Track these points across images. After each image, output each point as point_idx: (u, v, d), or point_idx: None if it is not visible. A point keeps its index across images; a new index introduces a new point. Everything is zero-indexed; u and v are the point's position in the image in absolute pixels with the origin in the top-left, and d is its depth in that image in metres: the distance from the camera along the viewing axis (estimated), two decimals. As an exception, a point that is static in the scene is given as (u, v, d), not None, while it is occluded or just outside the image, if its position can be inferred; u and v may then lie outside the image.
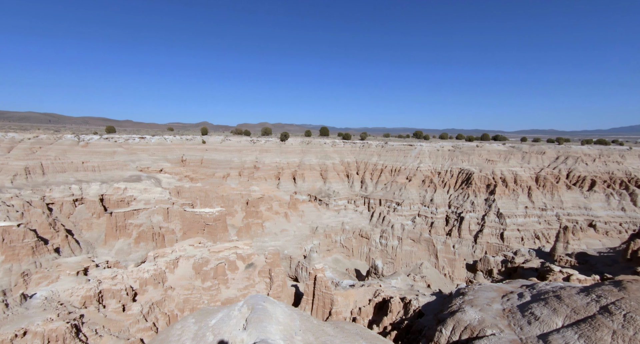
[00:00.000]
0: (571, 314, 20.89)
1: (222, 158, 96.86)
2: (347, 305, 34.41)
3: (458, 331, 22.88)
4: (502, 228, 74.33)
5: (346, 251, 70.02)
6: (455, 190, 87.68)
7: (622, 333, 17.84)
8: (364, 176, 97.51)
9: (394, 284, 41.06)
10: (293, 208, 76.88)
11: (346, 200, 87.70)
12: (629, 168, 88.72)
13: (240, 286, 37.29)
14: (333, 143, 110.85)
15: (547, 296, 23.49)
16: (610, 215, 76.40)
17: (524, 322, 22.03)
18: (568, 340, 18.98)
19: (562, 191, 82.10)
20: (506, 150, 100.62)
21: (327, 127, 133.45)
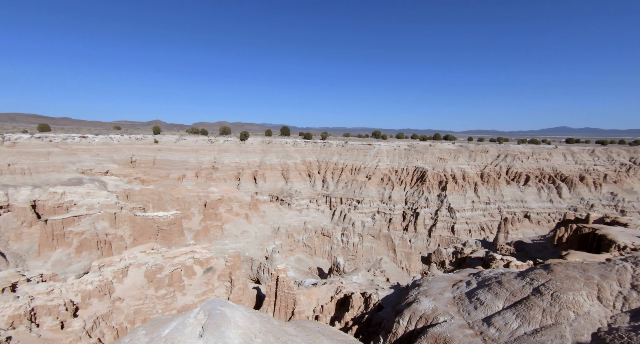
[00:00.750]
0: (510, 297, 23.15)
1: (177, 158, 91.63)
2: (309, 304, 34.61)
3: (414, 320, 24.20)
4: (452, 222, 79.99)
5: (309, 250, 70.34)
6: (411, 187, 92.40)
7: (550, 310, 20.21)
8: (326, 176, 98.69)
9: (355, 280, 42.18)
10: (254, 208, 75.29)
11: (308, 199, 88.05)
12: (555, 164, 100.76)
13: (199, 292, 35.65)
14: (294, 142, 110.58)
15: (490, 283, 25.78)
16: (541, 206, 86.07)
17: (471, 307, 23.95)
18: (507, 320, 21.03)
19: (502, 186, 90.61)
20: (455, 149, 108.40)
21: (288, 126, 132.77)
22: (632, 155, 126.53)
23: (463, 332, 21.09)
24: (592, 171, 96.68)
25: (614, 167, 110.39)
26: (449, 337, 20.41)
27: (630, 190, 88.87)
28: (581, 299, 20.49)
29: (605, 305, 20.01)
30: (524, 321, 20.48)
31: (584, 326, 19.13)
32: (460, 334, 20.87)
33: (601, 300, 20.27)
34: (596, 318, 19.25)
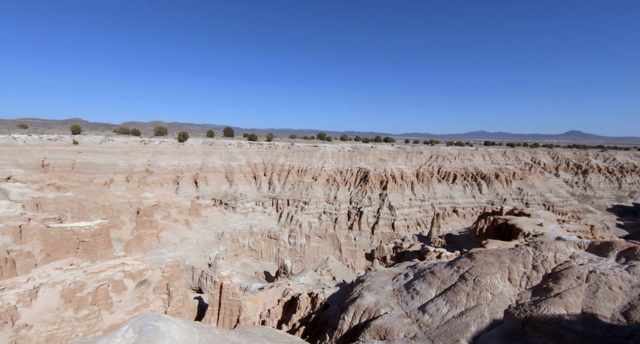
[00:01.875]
0: (441, 285, 25.54)
1: (102, 161, 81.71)
2: (256, 309, 33.75)
3: (358, 315, 25.22)
4: (393, 219, 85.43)
5: (255, 255, 68.61)
6: (355, 187, 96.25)
7: (473, 293, 22.82)
8: (272, 178, 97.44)
9: (303, 281, 42.39)
10: (195, 214, 70.79)
11: (254, 202, 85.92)
12: (476, 164, 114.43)
13: (130, 308, 32.20)
14: (239, 144, 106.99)
15: (425, 273, 28.13)
16: (466, 201, 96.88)
17: (408, 298, 25.83)
18: (439, 307, 23.17)
19: (435, 185, 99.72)
20: (394, 151, 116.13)
21: (231, 127, 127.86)
22: (532, 155, 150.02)
23: (402, 321, 22.66)
24: (504, 169, 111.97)
25: (520, 165, 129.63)
26: (389, 327, 21.73)
27: (532, 185, 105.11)
28: (496, 281, 23.54)
29: (514, 285, 23.30)
30: (452, 306, 22.78)
31: (498, 304, 22.02)
32: (399, 323, 22.37)
33: (511, 281, 23.55)
34: (507, 296, 22.32)
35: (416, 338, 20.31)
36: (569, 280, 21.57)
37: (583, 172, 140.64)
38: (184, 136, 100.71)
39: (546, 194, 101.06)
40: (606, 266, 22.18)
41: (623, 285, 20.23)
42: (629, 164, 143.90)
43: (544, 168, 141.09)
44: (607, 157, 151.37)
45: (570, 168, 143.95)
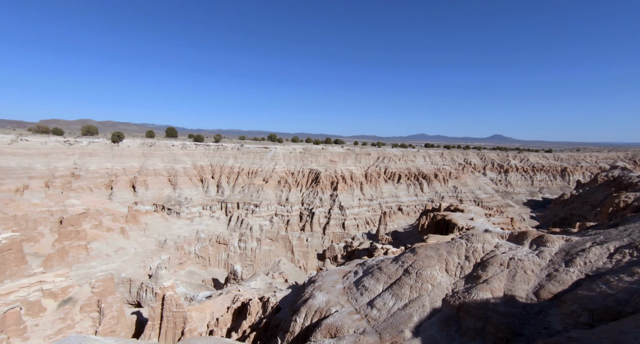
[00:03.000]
0: (387, 279, 26.94)
1: (13, 164, 70.20)
2: (203, 319, 31.90)
3: (310, 316, 25.38)
4: (343, 219, 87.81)
5: (202, 262, 64.94)
6: (306, 189, 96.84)
7: (415, 285, 24.50)
8: (220, 180, 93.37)
9: (254, 286, 41.30)
10: (133, 221, 64.52)
11: (201, 207, 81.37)
12: (418, 165, 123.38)
13: (50, 332, 28.07)
14: (183, 145, 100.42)
15: (373, 270, 29.41)
16: (410, 200, 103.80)
17: (358, 294, 26.76)
18: (386, 301, 24.42)
19: (382, 185, 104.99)
20: (344, 152, 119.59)
21: (174, 127, 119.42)
22: (465, 157, 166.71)
23: (351, 318, 23.38)
24: (442, 170, 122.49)
25: (455, 166, 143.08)
26: (339, 325, 22.27)
27: (465, 183, 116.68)
28: (435, 273, 25.59)
29: (450, 275, 25.58)
30: (397, 299, 24.17)
31: (437, 294, 23.96)
32: (349, 320, 23.05)
33: (448, 271, 25.82)
34: (445, 286, 24.42)
35: (365, 333, 21.12)
36: (494, 267, 24.35)
37: (505, 171, 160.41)
38: (118, 136, 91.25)
39: (476, 191, 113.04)
40: (522, 253, 25.52)
41: (534, 268, 23.45)
42: (539, 164, 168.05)
43: (474, 168, 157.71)
44: (522, 158, 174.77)
45: (495, 167, 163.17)
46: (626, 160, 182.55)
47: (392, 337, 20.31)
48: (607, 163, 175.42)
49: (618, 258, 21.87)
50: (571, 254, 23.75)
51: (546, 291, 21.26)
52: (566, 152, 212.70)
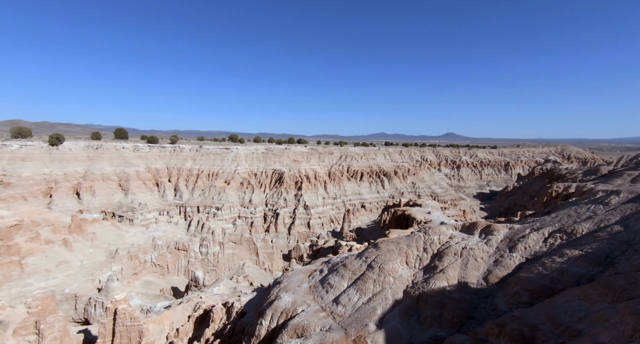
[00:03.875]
0: (352, 276, 27.52)
1: None
2: (161, 331, 30.02)
3: (276, 317, 25.09)
4: (308, 218, 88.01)
5: (160, 270, 61.10)
6: (270, 189, 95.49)
7: (379, 279, 25.32)
8: (178, 184, 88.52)
9: (217, 291, 39.81)
10: (78, 231, 58.69)
11: (157, 212, 76.44)
12: (379, 162, 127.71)
13: (-22, 364, 24.56)
14: (135, 147, 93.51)
15: (338, 267, 29.85)
16: (372, 197, 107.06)
17: (323, 292, 26.99)
18: (350, 296, 24.94)
19: (345, 183, 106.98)
20: (307, 152, 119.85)
21: (124, 128, 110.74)
22: (422, 154, 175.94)
23: (318, 316, 23.54)
24: (401, 167, 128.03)
25: (413, 162, 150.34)
26: (306, 324, 22.30)
27: (422, 179, 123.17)
28: (397, 266, 26.67)
29: (410, 267, 26.85)
30: (362, 294, 24.80)
31: (399, 286, 25.01)
32: (315, 318, 23.18)
33: (408, 264, 27.07)
34: (405, 278, 25.57)
35: (331, 330, 21.39)
36: (449, 257, 26.01)
37: (457, 166, 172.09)
38: (57, 138, 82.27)
39: (432, 186, 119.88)
40: (473, 242, 27.56)
41: (484, 255, 25.45)
42: (486, 159, 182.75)
43: (430, 164, 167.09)
44: (472, 154, 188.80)
45: (449, 163, 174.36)
46: (557, 154, 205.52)
47: (357, 331, 20.81)
48: (541, 157, 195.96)
49: (551, 242, 24.52)
50: (514, 240, 26.16)
51: (494, 276, 23.20)
52: (508, 147, 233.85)
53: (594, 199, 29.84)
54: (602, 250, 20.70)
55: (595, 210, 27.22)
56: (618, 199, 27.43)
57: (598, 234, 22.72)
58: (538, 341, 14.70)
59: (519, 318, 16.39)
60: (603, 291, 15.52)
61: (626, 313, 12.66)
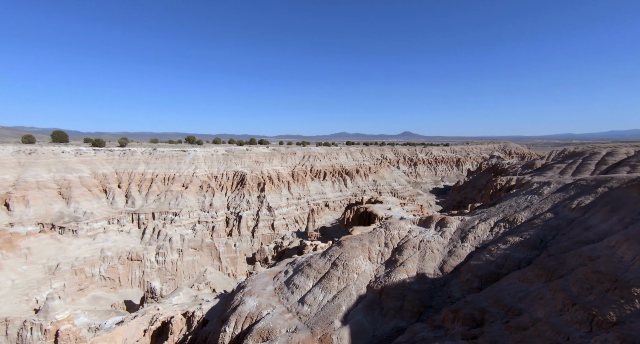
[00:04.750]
0: (317, 275, 27.68)
1: None
2: (114, 350, 27.63)
3: (240, 323, 24.42)
4: (272, 219, 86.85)
5: (111, 283, 56.26)
6: (232, 192, 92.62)
7: (343, 277, 25.77)
8: (130, 189, 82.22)
9: (176, 301, 37.70)
10: (8, 247, 51.86)
11: (106, 221, 70.22)
12: (341, 162, 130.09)
13: None
14: (78, 151, 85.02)
15: (303, 267, 29.85)
16: (336, 195, 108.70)
17: (289, 293, 26.82)
18: (316, 295, 25.08)
19: (308, 183, 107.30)
20: (270, 153, 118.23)
21: (63, 131, 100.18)
22: (381, 153, 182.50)
23: (283, 318, 23.34)
24: (363, 165, 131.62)
25: (374, 161, 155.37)
26: (271, 327, 22.00)
27: (382, 177, 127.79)
28: (360, 262, 27.36)
29: (372, 262, 27.70)
30: (327, 292, 25.07)
31: (362, 282, 25.68)
32: (281, 320, 22.96)
33: (370, 259, 27.90)
34: (368, 273, 26.34)
35: (297, 330, 21.33)
36: (409, 250, 27.27)
37: (414, 164, 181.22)
38: (-21, 141, 71.92)
39: (392, 183, 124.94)
40: (429, 234, 29.18)
41: (439, 247, 27.06)
42: (440, 157, 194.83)
43: (390, 162, 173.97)
44: (427, 152, 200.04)
45: (406, 161, 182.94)
46: (500, 150, 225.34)
47: (322, 330, 20.99)
48: (487, 153, 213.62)
49: (496, 231, 26.82)
50: (465, 231, 28.19)
51: (448, 265, 24.80)
52: (459, 145, 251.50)
53: (531, 190, 33.23)
54: (537, 236, 23.14)
55: (532, 200, 30.34)
56: (549, 189, 30.83)
57: (534, 221, 25.36)
58: (487, 322, 16.01)
59: (470, 303, 17.72)
60: (539, 273, 17.35)
61: (557, 290, 14.28)
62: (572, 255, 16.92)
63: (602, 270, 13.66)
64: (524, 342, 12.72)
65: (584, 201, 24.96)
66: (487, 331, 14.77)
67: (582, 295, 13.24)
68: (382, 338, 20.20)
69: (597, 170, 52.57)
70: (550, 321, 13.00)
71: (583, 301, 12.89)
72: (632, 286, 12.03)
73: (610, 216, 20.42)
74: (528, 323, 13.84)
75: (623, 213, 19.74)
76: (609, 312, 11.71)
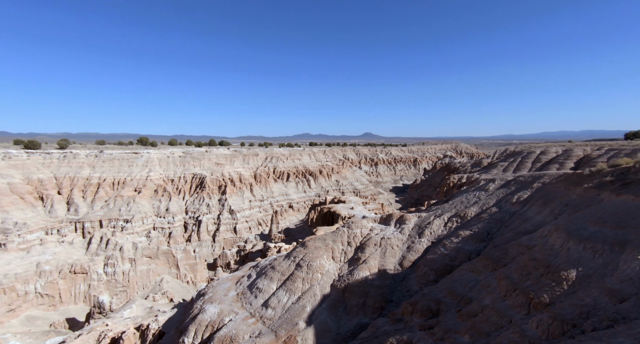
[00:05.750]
0: (281, 277, 27.40)
1: None
2: (55, 375, 24.81)
3: (200, 332, 23.35)
4: (234, 223, 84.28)
5: (50, 301, 50.50)
6: (190, 196, 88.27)
7: (307, 277, 25.80)
8: (72, 196, 74.56)
9: (128, 314, 34.94)
10: None
11: (42, 231, 62.92)
12: (305, 162, 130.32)
13: None
14: (6, 154, 75.20)
15: (267, 270, 29.36)
16: (299, 196, 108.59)
17: (252, 298, 26.22)
18: (280, 298, 24.80)
19: (271, 184, 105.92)
20: (231, 154, 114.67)
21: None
22: (344, 153, 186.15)
23: (246, 323, 22.76)
24: (326, 166, 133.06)
25: (336, 161, 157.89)
26: (234, 334, 21.33)
27: (345, 177, 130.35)
28: (324, 262, 27.60)
29: (336, 261, 28.10)
30: (291, 294, 24.91)
31: (327, 281, 25.93)
32: (244, 326, 22.36)
33: (334, 258, 28.28)
34: (332, 272, 26.67)
35: (261, 335, 20.93)
36: (370, 248, 28.09)
37: (375, 164, 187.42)
38: None
39: (354, 183, 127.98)
40: (390, 232, 30.33)
41: (399, 243, 28.24)
42: (399, 156, 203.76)
43: (352, 162, 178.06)
44: (387, 152, 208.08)
45: (368, 161, 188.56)
46: (452, 150, 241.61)
47: (287, 332, 20.83)
48: (441, 153, 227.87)
49: (450, 226, 28.68)
50: (422, 227, 29.75)
51: (407, 260, 25.98)
52: (416, 145, 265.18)
53: (478, 187, 36.09)
54: (485, 229, 25.18)
55: (480, 195, 32.96)
56: (494, 186, 33.74)
57: (482, 216, 27.56)
58: (442, 312, 17.06)
59: (427, 295, 18.74)
60: (486, 263, 18.89)
61: (501, 278, 15.65)
62: (513, 245, 18.67)
63: (537, 257, 15.25)
64: (474, 328, 13.75)
65: (523, 196, 27.68)
66: (442, 321, 15.74)
67: (521, 281, 14.66)
68: (346, 335, 20.58)
69: (533, 167, 58.63)
70: (495, 307, 14.22)
71: (522, 286, 14.29)
72: (561, 270, 13.60)
73: (544, 208, 22.88)
74: (477, 310, 15.00)
75: (553, 205, 22.23)
76: (543, 295, 13.10)
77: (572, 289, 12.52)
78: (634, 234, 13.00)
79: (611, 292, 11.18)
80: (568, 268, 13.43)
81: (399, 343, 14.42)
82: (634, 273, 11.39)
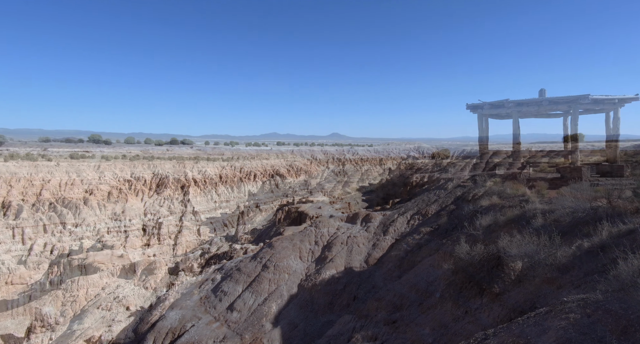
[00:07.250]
0: (247, 279, 26.84)
1: None
2: (-12, 400, 22.10)
3: (160, 340, 22.16)
4: (198, 224, 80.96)
5: (-18, 318, 44.91)
6: (149, 197, 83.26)
7: (274, 278, 25.54)
8: (9, 198, 66.86)
9: (78, 327, 32.23)
10: None
11: (-28, 239, 55.79)
12: (272, 162, 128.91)
13: None
14: None
15: (232, 272, 28.60)
16: (267, 196, 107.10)
17: (216, 301, 25.40)
18: (246, 300, 24.30)
19: (238, 184, 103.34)
20: (195, 153, 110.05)
21: None
22: (312, 153, 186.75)
23: (210, 328, 22.00)
24: (294, 165, 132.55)
25: (304, 161, 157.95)
26: (197, 340, 20.53)
27: (313, 176, 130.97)
28: (291, 262, 27.50)
29: (304, 261, 28.13)
30: (257, 296, 24.52)
31: (294, 281, 25.87)
32: (207, 331, 21.60)
33: (301, 258, 28.29)
34: (299, 272, 26.66)
35: (225, 339, 20.36)
36: (337, 246, 28.48)
37: (342, 163, 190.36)
38: None
39: (322, 183, 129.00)
40: (356, 230, 30.99)
41: (365, 241, 28.94)
42: (365, 156, 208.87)
43: (320, 162, 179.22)
44: (354, 152, 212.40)
45: (335, 161, 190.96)
46: (415, 150, 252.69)
47: (253, 334, 20.48)
48: (405, 153, 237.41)
49: (412, 223, 29.95)
50: (386, 225, 30.76)
51: (372, 258, 26.72)
52: (381, 145, 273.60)
53: (439, 185, 38.18)
54: (444, 225, 26.67)
55: (439, 194, 34.86)
56: (452, 184, 35.87)
57: (441, 213, 29.15)
58: (405, 307, 17.78)
59: (392, 290, 19.44)
60: (444, 257, 20.01)
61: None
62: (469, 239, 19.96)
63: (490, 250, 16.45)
64: (434, 320, 14.51)
65: (477, 194, 29.70)
66: (406, 315, 16.42)
67: (476, 273, 15.72)
68: (314, 335, 20.69)
69: (486, 167, 63.18)
70: (453, 299, 15.11)
71: (477, 278, 15.32)
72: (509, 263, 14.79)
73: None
74: (437, 303, 15.84)
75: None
76: (494, 285, 14.17)
77: (518, 279, 13.70)
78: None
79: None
80: (515, 260, 14.66)
81: (364, 338, 14.81)
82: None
